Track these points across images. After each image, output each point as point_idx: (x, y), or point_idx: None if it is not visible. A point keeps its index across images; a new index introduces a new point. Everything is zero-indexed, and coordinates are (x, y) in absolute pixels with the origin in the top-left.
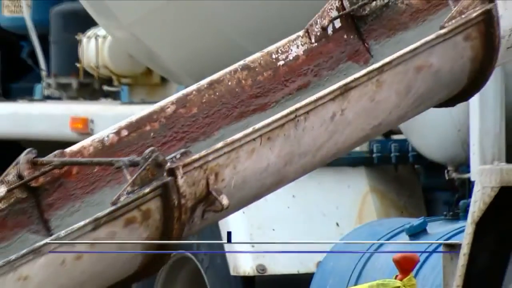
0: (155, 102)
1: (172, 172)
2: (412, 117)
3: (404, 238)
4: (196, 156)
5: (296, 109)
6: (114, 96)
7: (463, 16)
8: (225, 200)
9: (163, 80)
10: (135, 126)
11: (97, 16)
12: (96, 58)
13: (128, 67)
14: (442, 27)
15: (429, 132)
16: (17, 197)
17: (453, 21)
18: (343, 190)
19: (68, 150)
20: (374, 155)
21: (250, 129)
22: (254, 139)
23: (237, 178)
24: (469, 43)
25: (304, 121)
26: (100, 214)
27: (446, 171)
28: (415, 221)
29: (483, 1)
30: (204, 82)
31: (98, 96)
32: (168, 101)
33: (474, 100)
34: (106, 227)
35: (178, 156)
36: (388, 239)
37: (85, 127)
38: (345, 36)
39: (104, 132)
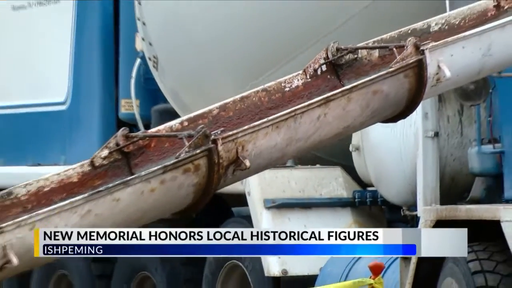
0: None
1: (214, 142)
2: (370, 125)
3: None
4: (230, 133)
5: (295, 109)
6: None
7: (403, 61)
8: (248, 163)
9: None
10: (192, 120)
11: (181, 112)
12: None
13: None
14: (390, 67)
15: (391, 185)
16: (115, 157)
17: (398, 64)
18: (336, 222)
19: (149, 130)
20: (356, 200)
21: (265, 119)
22: (267, 126)
23: (256, 151)
24: (407, 79)
25: (300, 117)
26: (167, 163)
27: (402, 210)
28: None
29: (417, 53)
30: (238, 96)
31: None
32: (214, 106)
33: (420, 166)
34: (171, 172)
35: (219, 132)
36: None
37: None
38: (328, 76)
39: (172, 122)
